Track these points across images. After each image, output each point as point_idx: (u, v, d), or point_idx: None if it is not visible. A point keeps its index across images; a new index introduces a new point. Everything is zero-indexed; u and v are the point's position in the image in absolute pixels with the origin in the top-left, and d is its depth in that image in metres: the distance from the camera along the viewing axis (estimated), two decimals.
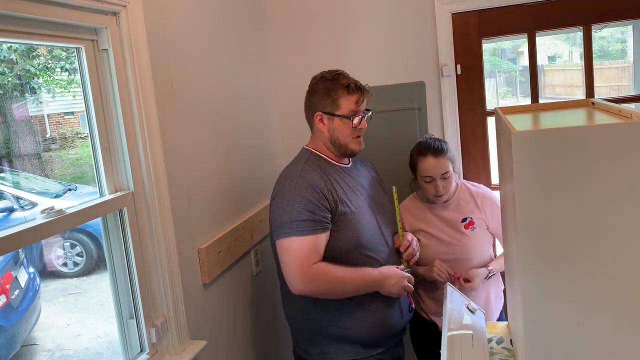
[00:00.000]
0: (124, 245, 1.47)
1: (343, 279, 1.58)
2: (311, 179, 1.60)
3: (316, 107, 1.69)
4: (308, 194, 1.57)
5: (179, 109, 1.67)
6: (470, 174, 2.37)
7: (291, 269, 1.57)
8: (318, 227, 1.57)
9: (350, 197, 1.67)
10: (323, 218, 1.58)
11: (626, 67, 8.19)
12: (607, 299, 0.96)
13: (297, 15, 2.42)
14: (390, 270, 1.65)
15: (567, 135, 0.93)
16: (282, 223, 1.58)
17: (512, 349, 1.39)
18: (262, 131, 2.34)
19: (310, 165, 1.67)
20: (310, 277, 1.55)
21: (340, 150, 1.71)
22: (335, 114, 1.67)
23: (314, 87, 1.72)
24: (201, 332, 1.72)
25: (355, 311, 1.66)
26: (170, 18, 1.67)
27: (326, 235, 1.60)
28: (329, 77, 1.69)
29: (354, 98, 1.66)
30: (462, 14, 2.25)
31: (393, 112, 2.35)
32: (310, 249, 1.56)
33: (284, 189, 1.61)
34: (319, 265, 1.57)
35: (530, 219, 0.96)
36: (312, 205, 1.56)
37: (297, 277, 1.56)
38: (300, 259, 1.55)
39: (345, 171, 1.74)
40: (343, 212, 1.62)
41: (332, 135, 1.69)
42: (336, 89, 1.66)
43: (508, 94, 11.29)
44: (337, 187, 1.65)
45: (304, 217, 1.56)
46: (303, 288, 1.57)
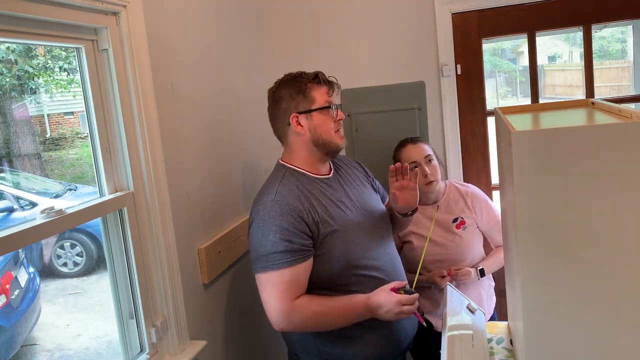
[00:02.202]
0: (124, 245, 1.47)
1: (327, 314, 1.45)
2: (287, 202, 1.46)
3: (288, 111, 1.56)
4: (284, 220, 1.43)
5: (179, 109, 1.67)
6: (470, 174, 2.37)
7: (270, 306, 1.45)
8: (298, 257, 1.43)
9: (334, 214, 1.52)
10: (302, 246, 1.44)
11: (626, 67, 8.19)
12: (607, 298, 0.96)
13: (297, 15, 2.42)
14: (382, 298, 1.44)
15: (567, 135, 0.93)
16: (258, 256, 1.46)
17: (512, 349, 1.39)
18: (262, 131, 2.34)
19: (285, 185, 1.52)
20: (291, 314, 1.43)
21: (325, 148, 1.57)
22: (312, 109, 1.54)
23: (276, 96, 1.59)
24: (201, 332, 1.72)
25: (356, 333, 1.52)
26: (170, 18, 1.67)
27: (307, 263, 1.46)
28: (290, 78, 1.60)
29: (324, 89, 1.57)
30: (462, 14, 2.25)
31: (393, 112, 2.35)
32: (289, 282, 1.43)
33: (259, 215, 1.48)
34: (301, 300, 1.44)
35: (530, 219, 0.96)
36: (288, 234, 1.42)
37: (276, 314, 1.44)
38: (278, 295, 1.43)
39: (326, 183, 1.59)
40: (326, 233, 1.48)
41: (314, 135, 1.55)
42: (304, 84, 1.56)
43: (508, 94, 11.29)
44: (318, 205, 1.51)
45: (281, 248, 1.42)
46: (284, 325, 1.45)
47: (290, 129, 1.56)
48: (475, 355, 1.28)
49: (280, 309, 1.43)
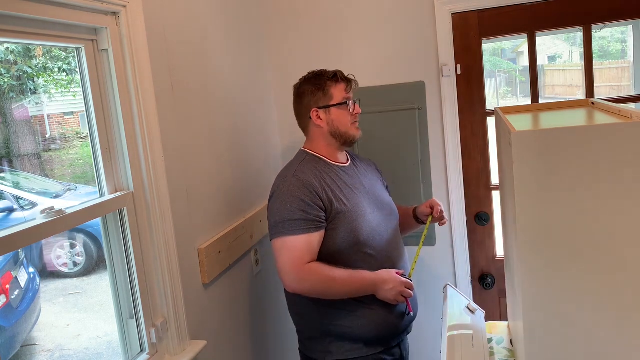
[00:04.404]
0: (124, 245, 1.47)
1: (336, 280, 1.60)
2: (305, 178, 1.64)
3: (309, 105, 1.74)
4: (301, 193, 1.60)
5: (179, 109, 1.67)
6: (470, 174, 2.37)
7: (285, 268, 1.59)
8: (311, 227, 1.59)
9: (348, 195, 1.69)
10: (316, 217, 1.60)
11: (626, 67, 8.19)
12: (607, 298, 0.96)
13: (297, 15, 2.42)
14: (389, 275, 1.64)
15: (567, 135, 0.93)
16: (275, 223, 1.62)
17: (512, 349, 1.39)
18: (262, 131, 2.34)
19: (305, 165, 1.70)
20: (303, 275, 1.58)
21: (342, 139, 1.75)
22: (331, 105, 1.72)
23: (300, 91, 1.78)
24: (201, 332, 1.72)
25: (355, 310, 1.66)
26: (170, 18, 1.67)
27: (320, 234, 1.62)
28: (312, 76, 1.77)
29: (342, 86, 1.74)
30: (462, 14, 2.25)
31: (393, 112, 2.35)
32: (304, 247, 1.58)
33: (279, 189, 1.65)
34: (313, 264, 1.59)
35: (531, 219, 0.96)
36: (305, 205, 1.59)
37: (290, 276, 1.59)
38: (293, 258, 1.58)
39: (343, 170, 1.76)
40: (339, 211, 1.64)
41: (332, 127, 1.73)
42: (324, 81, 1.73)
43: (508, 94, 11.30)
44: (333, 185, 1.68)
45: (297, 216, 1.58)
46: (296, 286, 1.60)
47: (311, 121, 1.75)
48: (475, 355, 1.28)
49: (293, 270, 1.58)
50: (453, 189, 2.34)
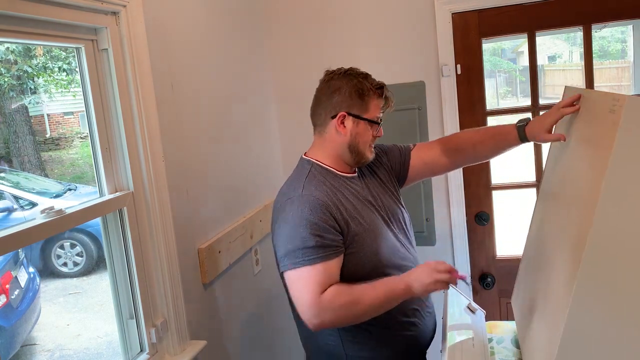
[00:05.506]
0: (124, 245, 1.47)
1: (361, 296, 1.34)
2: (316, 197, 1.38)
3: (340, 106, 1.46)
4: (313, 215, 1.35)
5: (179, 109, 1.67)
6: (471, 174, 2.37)
7: (304, 302, 1.34)
8: (329, 253, 1.35)
9: (362, 212, 1.45)
10: (333, 242, 1.36)
11: (626, 67, 8.20)
12: None
13: (297, 15, 2.42)
14: (417, 267, 1.38)
15: None
16: (287, 252, 1.36)
17: (512, 349, 1.39)
18: (262, 131, 2.34)
19: (312, 180, 1.44)
20: (324, 305, 1.32)
21: (356, 158, 1.50)
22: (363, 117, 1.46)
23: (335, 84, 1.48)
24: (201, 332, 1.72)
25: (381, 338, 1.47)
26: (170, 18, 1.67)
27: (338, 260, 1.38)
28: (354, 75, 1.48)
29: (380, 103, 1.50)
30: (462, 14, 2.25)
31: (393, 112, 2.32)
32: (323, 278, 1.33)
33: (286, 213, 1.39)
34: (329, 289, 1.33)
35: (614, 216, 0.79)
36: (318, 229, 1.34)
37: (312, 311, 1.33)
38: (312, 291, 1.32)
39: (353, 181, 1.52)
40: (356, 232, 1.40)
41: (353, 140, 1.47)
42: (368, 89, 1.47)
43: (508, 93, 11.30)
44: (346, 202, 1.44)
45: (312, 243, 1.33)
46: (320, 322, 1.34)
47: (333, 123, 1.47)
48: (475, 355, 1.28)
49: (313, 303, 1.32)
50: (453, 189, 2.34)
